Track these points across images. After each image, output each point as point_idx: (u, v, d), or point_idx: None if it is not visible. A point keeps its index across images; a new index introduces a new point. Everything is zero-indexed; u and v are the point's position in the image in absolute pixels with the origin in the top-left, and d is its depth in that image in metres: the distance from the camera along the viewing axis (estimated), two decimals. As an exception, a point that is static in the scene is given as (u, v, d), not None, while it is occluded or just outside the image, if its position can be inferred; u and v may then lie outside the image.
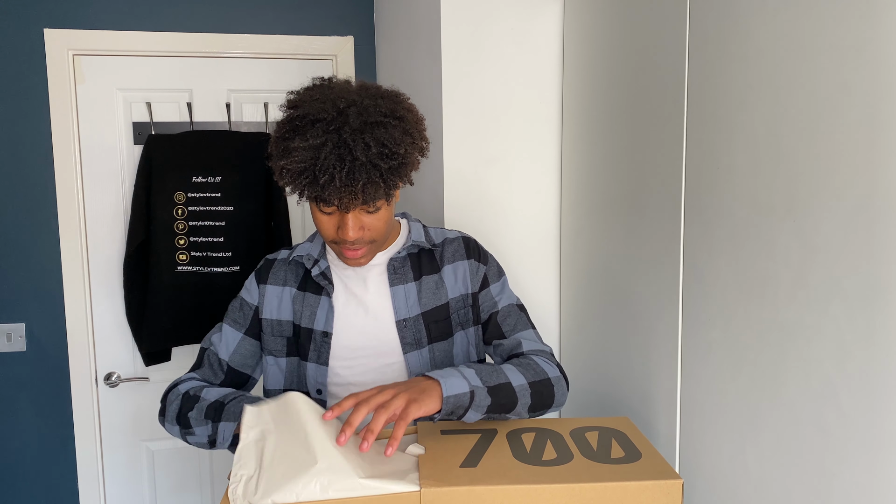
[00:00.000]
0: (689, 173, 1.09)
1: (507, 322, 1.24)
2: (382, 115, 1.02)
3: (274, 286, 1.24)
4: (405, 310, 1.20)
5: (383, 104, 1.03)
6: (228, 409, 1.09)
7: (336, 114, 1.00)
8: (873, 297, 0.74)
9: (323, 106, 1.00)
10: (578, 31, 1.52)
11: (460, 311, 1.23)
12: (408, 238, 1.24)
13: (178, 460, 2.32)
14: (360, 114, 1.00)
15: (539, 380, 1.11)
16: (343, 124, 0.99)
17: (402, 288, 1.21)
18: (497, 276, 1.27)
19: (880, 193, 0.72)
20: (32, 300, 2.16)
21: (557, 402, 1.14)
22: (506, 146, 1.61)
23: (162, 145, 2.09)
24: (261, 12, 2.24)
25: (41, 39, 2.10)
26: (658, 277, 1.20)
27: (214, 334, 1.26)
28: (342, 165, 0.98)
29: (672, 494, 0.87)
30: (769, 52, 0.90)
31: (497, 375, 1.07)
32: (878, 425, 0.74)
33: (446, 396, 0.99)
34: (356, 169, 0.98)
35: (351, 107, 1.01)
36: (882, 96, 0.72)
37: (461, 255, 1.25)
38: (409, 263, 1.23)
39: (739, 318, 0.98)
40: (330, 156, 0.98)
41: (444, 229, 1.30)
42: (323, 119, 1.00)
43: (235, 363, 1.23)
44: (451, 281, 1.23)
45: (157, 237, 2.07)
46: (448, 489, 0.85)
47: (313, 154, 0.98)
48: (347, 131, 0.98)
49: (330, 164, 0.98)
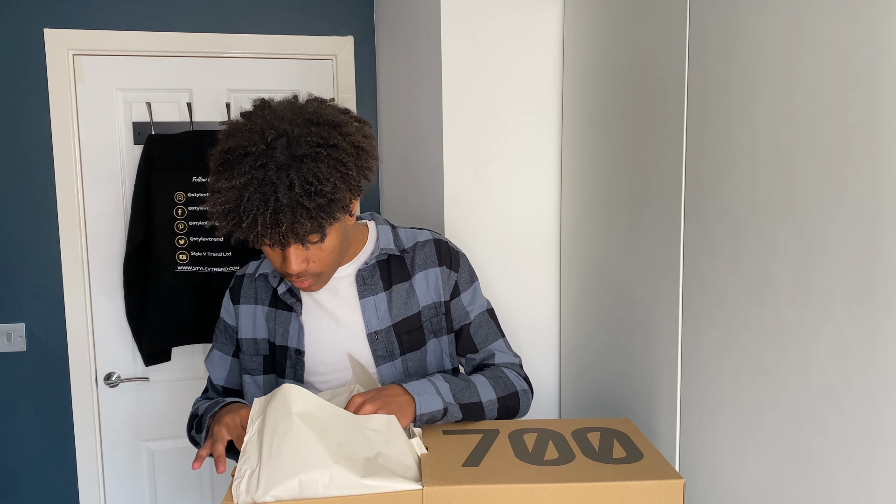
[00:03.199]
0: (689, 173, 1.10)
1: (478, 334, 1.24)
2: (313, 146, 0.96)
3: (247, 305, 1.23)
4: (376, 322, 1.17)
5: (316, 132, 0.98)
6: (205, 421, 1.16)
7: (264, 147, 0.95)
8: (873, 297, 0.74)
9: (251, 138, 0.96)
10: (578, 31, 1.53)
11: (433, 320, 1.21)
12: (376, 245, 1.20)
13: (178, 460, 2.32)
14: (288, 146, 0.95)
15: (507, 394, 1.18)
16: (269, 160, 0.94)
17: (371, 300, 1.18)
18: (468, 282, 1.24)
19: (880, 193, 0.73)
20: (32, 300, 2.16)
21: (522, 412, 1.22)
22: (506, 146, 1.61)
23: (162, 145, 2.08)
24: (261, 12, 2.24)
25: (41, 39, 2.10)
26: (658, 278, 1.20)
27: (208, 360, 1.30)
28: (266, 207, 0.93)
29: (673, 494, 0.88)
30: (769, 52, 0.90)
31: (470, 393, 1.13)
32: (878, 425, 0.74)
33: (420, 414, 1.04)
34: (280, 210, 0.93)
35: (280, 138, 0.96)
36: (882, 96, 0.72)
37: (432, 261, 1.21)
38: (378, 272, 1.19)
39: (739, 318, 0.98)
40: (254, 196, 0.93)
41: (415, 230, 1.25)
42: (251, 153, 0.95)
43: (231, 384, 1.29)
44: (423, 289, 1.20)
45: (157, 237, 2.07)
46: (450, 488, 0.86)
47: (237, 195, 0.94)
48: (272, 168, 0.94)
49: (253, 205, 0.93)
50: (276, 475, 0.86)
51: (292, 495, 0.85)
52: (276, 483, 0.85)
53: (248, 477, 0.88)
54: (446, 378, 1.12)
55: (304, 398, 0.95)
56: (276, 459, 0.87)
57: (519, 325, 1.67)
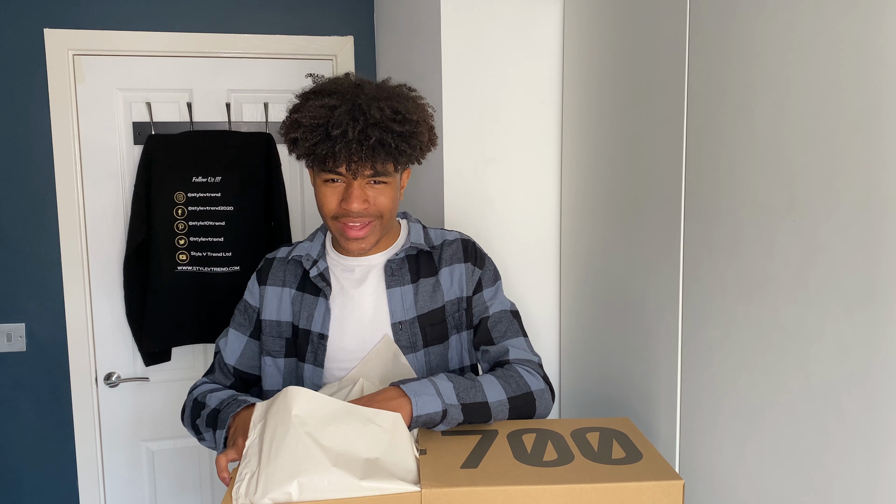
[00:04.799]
0: (689, 173, 1.10)
1: (496, 328, 1.22)
2: (398, 87, 1.11)
3: (273, 287, 1.24)
4: (401, 312, 1.19)
5: (398, 90, 1.11)
6: (221, 418, 1.11)
7: (353, 87, 1.07)
8: (873, 297, 0.74)
9: (340, 82, 1.08)
10: (578, 31, 1.52)
11: (455, 315, 1.22)
12: (406, 239, 1.23)
13: (178, 460, 2.32)
14: (376, 87, 1.08)
15: (519, 394, 1.11)
16: (359, 93, 1.05)
17: (398, 290, 1.20)
18: (492, 280, 1.25)
19: (880, 193, 0.72)
20: (32, 300, 2.16)
21: (539, 414, 1.14)
22: (506, 146, 1.61)
23: (162, 145, 2.09)
24: (261, 12, 2.23)
25: (41, 39, 2.10)
26: (658, 277, 1.20)
27: (222, 339, 1.28)
28: (356, 123, 1.02)
29: (673, 495, 0.87)
30: (769, 52, 0.90)
31: (475, 392, 1.06)
32: (878, 425, 0.74)
33: (416, 416, 1.00)
34: (369, 127, 1.02)
35: (367, 84, 1.09)
36: (882, 96, 0.72)
37: (458, 257, 1.24)
38: (406, 265, 1.22)
39: (739, 318, 0.98)
40: (344, 115, 1.03)
41: (444, 230, 1.29)
42: (339, 91, 1.06)
43: (243, 366, 1.26)
44: (448, 284, 1.22)
45: (157, 237, 2.07)
46: (449, 490, 0.85)
47: (328, 112, 1.03)
48: (363, 98, 1.04)
49: (344, 121, 1.02)
50: (275, 478, 0.85)
51: (290, 498, 0.84)
52: (275, 486, 0.85)
53: (248, 480, 0.87)
54: (450, 377, 1.08)
55: (306, 400, 0.94)
56: (274, 462, 0.87)
57: (519, 326, 1.67)
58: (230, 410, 1.10)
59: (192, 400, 1.22)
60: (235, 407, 1.10)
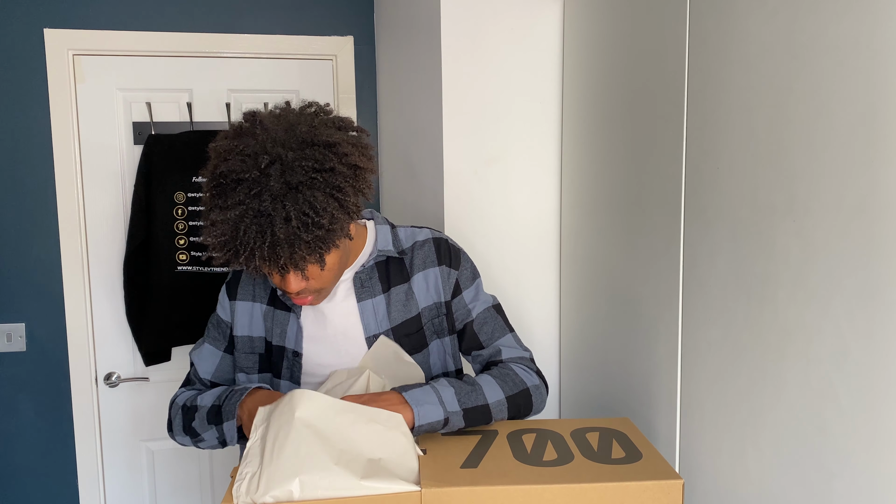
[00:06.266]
0: (689, 173, 1.10)
1: (483, 331, 1.21)
2: (308, 172, 0.93)
3: (244, 302, 1.21)
4: (374, 325, 1.15)
5: (311, 155, 0.94)
6: (225, 410, 1.10)
7: (258, 173, 0.91)
8: (873, 297, 0.74)
9: (244, 163, 0.92)
10: (578, 31, 1.52)
11: (434, 321, 1.19)
12: (374, 247, 1.17)
13: (178, 460, 2.32)
14: (282, 173, 0.92)
15: (517, 392, 1.12)
16: (264, 188, 0.91)
17: (370, 303, 1.16)
18: (470, 279, 1.22)
19: (880, 193, 0.72)
20: (32, 300, 2.16)
21: (536, 409, 1.16)
22: (506, 146, 1.61)
23: (162, 145, 2.08)
24: (261, 12, 2.23)
25: (41, 39, 2.10)
26: (658, 277, 1.20)
27: (196, 351, 1.25)
28: (263, 241, 0.91)
29: (672, 494, 0.87)
30: (769, 52, 0.90)
31: (476, 396, 1.07)
32: (878, 424, 0.74)
33: (418, 426, 1.00)
34: (277, 244, 0.91)
35: (274, 164, 0.92)
36: (882, 96, 0.72)
37: (432, 260, 1.19)
38: (376, 275, 1.17)
39: (739, 318, 0.98)
40: (249, 229, 0.91)
41: (415, 229, 1.23)
42: (244, 180, 0.92)
43: (219, 379, 1.25)
44: (422, 290, 1.18)
45: (157, 237, 2.07)
46: (449, 489, 0.86)
47: (233, 228, 0.91)
48: (267, 198, 0.91)
49: (249, 238, 0.91)
50: (276, 476, 0.86)
51: (292, 496, 0.85)
52: (276, 484, 0.85)
53: (249, 479, 0.88)
54: (451, 382, 1.08)
55: (310, 402, 0.94)
56: (277, 461, 0.87)
57: (519, 325, 1.67)
58: (234, 400, 1.09)
59: (178, 409, 1.20)
60: (238, 396, 1.09)
